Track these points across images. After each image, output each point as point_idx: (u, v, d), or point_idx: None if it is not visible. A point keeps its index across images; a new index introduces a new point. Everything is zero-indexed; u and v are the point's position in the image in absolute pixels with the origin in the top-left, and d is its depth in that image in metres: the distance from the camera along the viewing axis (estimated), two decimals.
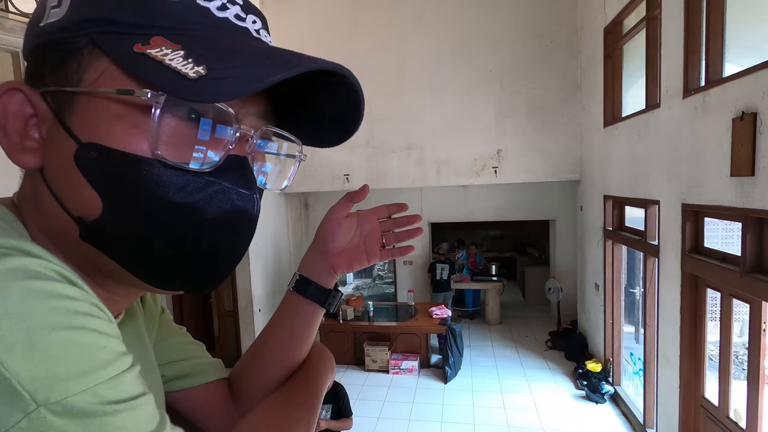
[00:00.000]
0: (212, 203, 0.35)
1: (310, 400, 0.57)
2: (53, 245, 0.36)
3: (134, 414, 0.28)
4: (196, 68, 0.30)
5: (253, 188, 0.38)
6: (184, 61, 0.31)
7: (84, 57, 0.33)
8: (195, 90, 0.30)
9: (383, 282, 8.30)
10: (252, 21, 0.38)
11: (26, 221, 0.36)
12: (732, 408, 2.88)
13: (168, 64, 0.31)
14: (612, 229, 4.79)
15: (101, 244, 0.34)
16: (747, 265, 2.48)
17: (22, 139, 0.34)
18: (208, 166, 0.35)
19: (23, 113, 0.34)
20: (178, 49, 0.32)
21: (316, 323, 0.60)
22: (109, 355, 0.28)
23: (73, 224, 0.34)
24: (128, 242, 0.34)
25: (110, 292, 0.39)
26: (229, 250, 0.38)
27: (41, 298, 0.26)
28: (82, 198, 0.33)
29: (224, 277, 0.40)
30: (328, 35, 6.13)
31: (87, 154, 0.32)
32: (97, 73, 0.33)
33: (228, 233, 0.37)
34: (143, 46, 0.32)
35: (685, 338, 3.24)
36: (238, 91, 0.31)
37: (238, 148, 0.37)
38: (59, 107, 0.33)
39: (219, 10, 0.36)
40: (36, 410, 0.23)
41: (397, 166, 6.21)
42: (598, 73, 4.95)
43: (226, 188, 0.35)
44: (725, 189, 2.63)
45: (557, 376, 5.37)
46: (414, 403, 4.90)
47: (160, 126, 0.32)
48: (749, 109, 2.36)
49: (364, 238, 0.61)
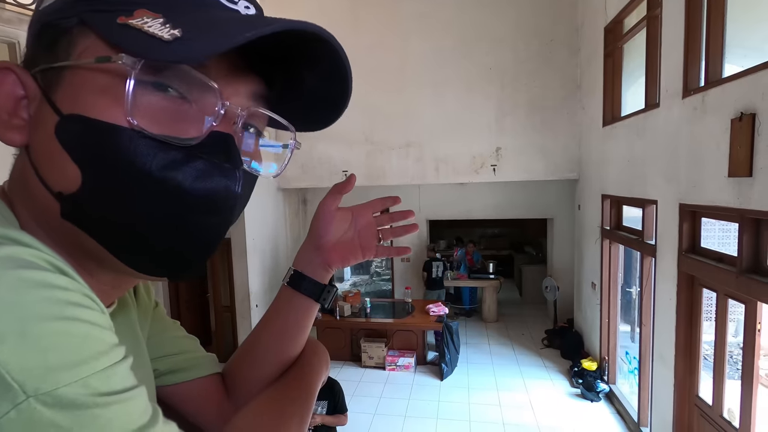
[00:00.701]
0: (191, 177, 0.34)
1: (304, 396, 0.57)
2: (40, 228, 0.35)
3: (126, 406, 0.27)
4: (171, 31, 0.30)
5: (236, 164, 0.36)
6: (162, 27, 0.31)
7: (73, 35, 0.33)
8: (167, 50, 0.29)
9: (380, 279, 8.31)
10: (245, 6, 0.38)
11: (16, 207, 0.36)
12: (726, 407, 2.90)
13: (146, 31, 0.30)
14: (609, 228, 4.80)
15: (80, 221, 0.34)
16: (743, 265, 2.49)
17: (10, 117, 0.34)
18: (190, 141, 0.34)
19: (14, 94, 0.34)
20: (159, 17, 0.32)
21: (311, 318, 0.60)
22: (100, 346, 0.27)
23: (54, 201, 0.33)
24: (106, 217, 0.33)
25: (99, 281, 0.38)
26: (208, 227, 0.36)
27: (32, 288, 0.26)
28: (61, 171, 0.32)
29: (203, 258, 0.38)
30: (329, 30, 6.08)
31: (67, 125, 0.32)
32: (82, 47, 0.33)
33: (208, 209, 0.35)
34: (126, 17, 0.32)
35: (680, 337, 3.26)
36: (210, 49, 0.30)
37: (224, 125, 0.36)
38: (47, 84, 0.33)
39: None
40: (26, 401, 0.23)
41: (396, 163, 6.20)
42: (598, 72, 4.95)
43: (207, 163, 0.34)
44: (723, 189, 2.63)
45: (553, 374, 5.39)
46: (410, 400, 4.91)
47: (137, 95, 0.32)
48: (748, 110, 2.37)
49: (359, 232, 0.60)
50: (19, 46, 2.46)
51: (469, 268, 7.77)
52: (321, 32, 0.35)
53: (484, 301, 7.45)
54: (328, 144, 6.03)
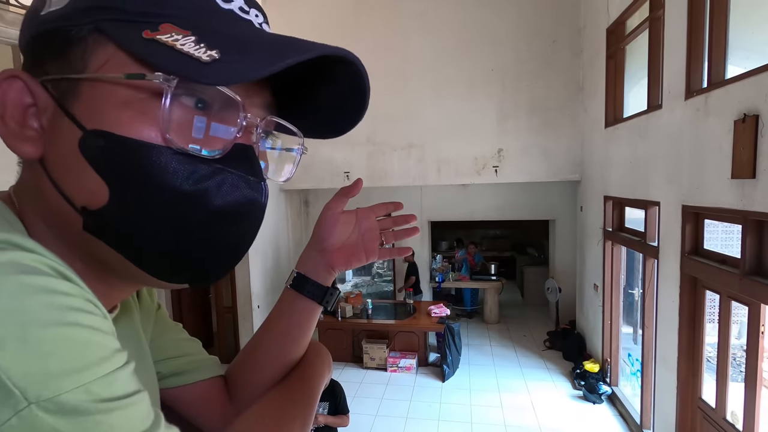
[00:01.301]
0: (221, 190, 0.34)
1: (306, 398, 0.56)
2: (54, 236, 0.35)
3: (128, 412, 0.27)
4: (209, 52, 0.30)
5: (261, 176, 0.38)
6: (196, 45, 0.31)
7: (88, 44, 0.32)
8: (209, 73, 0.30)
9: (382, 280, 8.31)
10: (255, 15, 0.38)
11: (25, 213, 0.36)
12: (729, 410, 2.88)
13: (180, 49, 0.30)
14: (612, 229, 4.78)
15: (105, 235, 0.33)
16: (746, 267, 2.48)
17: (20, 128, 0.33)
18: (216, 154, 0.34)
19: (22, 102, 0.33)
20: (189, 34, 0.32)
21: (314, 320, 0.60)
22: (103, 351, 0.27)
23: (76, 215, 0.33)
24: (134, 231, 0.33)
25: (109, 286, 0.38)
26: (237, 238, 0.38)
27: (34, 294, 0.26)
28: (86, 186, 0.32)
29: (231, 266, 0.39)
30: (330, 32, 6.11)
31: (92, 141, 0.31)
32: (102, 60, 0.32)
33: (236, 220, 0.36)
34: (152, 32, 0.31)
35: (683, 340, 3.24)
36: (253, 74, 0.31)
37: (244, 137, 0.37)
38: (62, 95, 0.33)
39: (224, 2, 0.36)
40: (27, 407, 0.23)
41: (398, 165, 6.20)
42: (601, 74, 4.94)
43: (234, 175, 0.35)
44: (726, 191, 2.62)
45: (555, 376, 5.37)
46: (411, 401, 4.90)
47: (170, 111, 0.32)
48: (751, 111, 2.36)
49: (362, 235, 0.61)
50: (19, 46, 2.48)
51: (471, 270, 7.76)
52: (349, 56, 0.36)
53: (485, 302, 7.44)
54: (330, 145, 6.03)
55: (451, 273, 7.54)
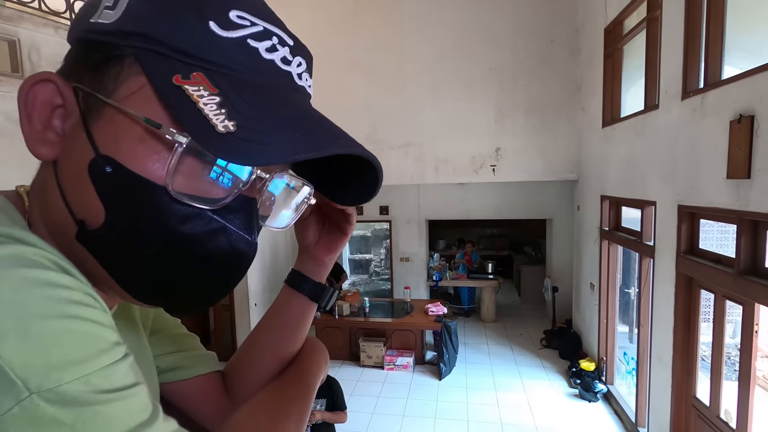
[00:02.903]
0: (212, 240, 0.35)
1: (303, 394, 0.57)
2: (50, 236, 0.36)
3: (127, 403, 0.28)
4: (226, 122, 0.31)
5: (254, 233, 0.38)
6: (218, 109, 0.31)
7: (124, 68, 0.33)
8: (219, 145, 0.30)
9: (379, 278, 8.32)
10: (297, 64, 0.39)
11: (31, 210, 0.37)
12: (723, 408, 2.91)
13: (201, 108, 0.31)
14: (608, 229, 4.81)
15: (95, 250, 0.34)
16: (741, 267, 2.50)
17: (44, 129, 0.34)
18: (217, 204, 0.35)
19: (52, 102, 0.34)
20: (215, 93, 0.32)
21: (310, 317, 0.61)
22: (102, 344, 0.28)
23: (73, 223, 0.34)
24: (122, 256, 0.34)
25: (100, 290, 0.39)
26: (217, 285, 0.38)
27: (35, 287, 0.26)
28: (87, 204, 0.33)
29: (211, 304, 0.40)
30: (329, 30, 6.10)
31: (101, 166, 0.32)
32: (132, 89, 0.33)
33: (220, 270, 0.37)
34: (183, 79, 0.32)
35: (678, 339, 3.27)
36: (259, 162, 0.32)
37: (249, 189, 0.37)
38: (87, 109, 0.33)
39: (267, 52, 0.36)
40: (29, 397, 0.24)
41: (396, 163, 6.20)
42: (598, 73, 4.95)
43: (228, 229, 0.36)
44: (721, 191, 2.64)
45: (551, 375, 5.40)
46: (408, 399, 4.92)
47: (179, 162, 0.32)
48: (747, 112, 2.37)
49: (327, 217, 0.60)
50: (19, 44, 2.46)
51: (468, 269, 7.77)
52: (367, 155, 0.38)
53: (482, 301, 7.46)
54: None
55: (449, 272, 7.55)
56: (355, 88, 6.11)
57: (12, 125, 2.29)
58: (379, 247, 8.61)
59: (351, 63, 6.05)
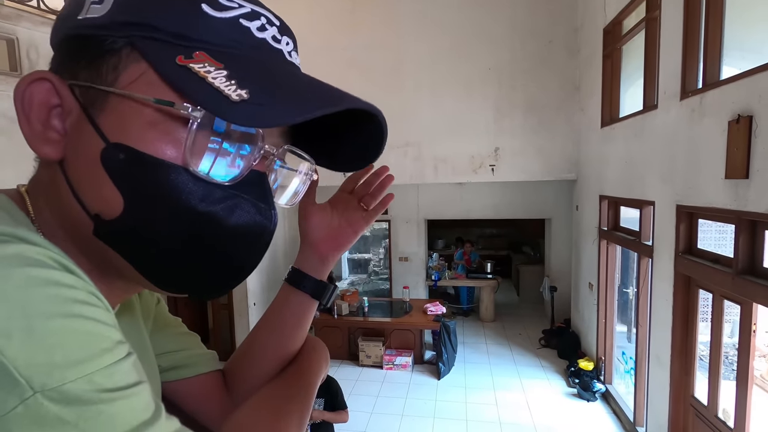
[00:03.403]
0: (232, 214, 0.35)
1: (303, 393, 0.57)
2: (64, 233, 0.36)
3: (129, 402, 0.28)
4: (239, 91, 0.31)
5: (271, 203, 0.39)
6: (227, 81, 0.31)
7: (122, 58, 0.33)
8: (237, 113, 0.30)
9: (378, 278, 8.32)
10: (286, 43, 0.39)
11: (39, 209, 0.37)
12: (720, 407, 2.92)
13: (211, 83, 0.31)
14: (607, 229, 4.81)
15: (114, 243, 0.34)
16: (739, 267, 2.51)
17: (44, 128, 0.34)
18: (232, 179, 0.35)
19: (48, 103, 0.34)
20: (221, 68, 0.32)
21: (310, 314, 0.61)
22: (105, 343, 0.28)
23: (88, 220, 0.34)
24: (143, 244, 0.34)
25: (111, 286, 0.39)
26: (242, 262, 0.39)
27: (39, 286, 0.26)
28: (103, 196, 0.33)
29: (233, 285, 0.40)
30: (327, 28, 6.09)
31: (114, 154, 0.32)
32: (133, 76, 0.33)
33: (243, 245, 0.37)
34: (186, 59, 0.32)
35: (676, 338, 3.27)
36: (278, 121, 0.32)
37: (260, 164, 0.38)
38: (89, 103, 0.33)
39: (259, 31, 0.37)
40: (32, 396, 0.24)
41: (394, 163, 6.19)
42: (597, 74, 4.96)
43: (246, 201, 0.36)
44: (720, 191, 2.65)
45: (549, 374, 5.41)
46: (407, 399, 4.92)
47: (194, 138, 0.32)
48: (745, 112, 2.38)
49: (342, 215, 0.61)
50: (17, 42, 2.46)
51: (467, 268, 7.78)
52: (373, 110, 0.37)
53: (481, 300, 7.47)
54: None
55: (447, 271, 7.56)
56: (353, 86, 5.92)
57: (10, 124, 2.28)
58: (378, 247, 8.62)
59: (349, 62, 6.04)
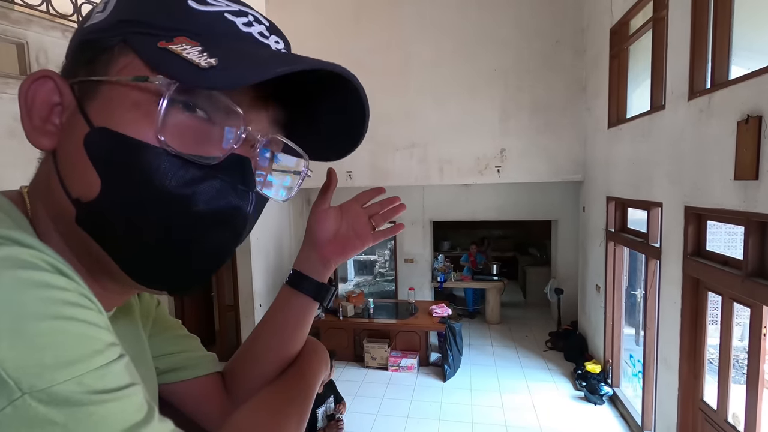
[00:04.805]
0: (207, 195, 0.35)
1: (303, 395, 0.57)
2: (57, 232, 0.37)
3: (121, 404, 0.28)
4: (208, 60, 0.32)
5: (250, 186, 0.38)
6: (200, 54, 0.33)
7: (114, 53, 0.35)
8: (203, 77, 0.31)
9: (384, 279, 8.30)
10: (275, 41, 0.40)
11: (37, 209, 0.37)
12: (730, 412, 2.87)
13: (185, 57, 0.32)
14: (614, 230, 4.77)
15: (92, 228, 0.35)
16: (749, 269, 2.47)
17: (43, 123, 0.36)
18: (211, 160, 0.35)
19: (50, 101, 0.36)
20: (197, 45, 0.34)
21: (310, 317, 0.61)
22: (96, 345, 0.28)
23: (71, 207, 0.35)
24: (118, 227, 0.34)
25: (106, 289, 0.39)
26: (217, 244, 0.38)
27: (29, 288, 0.26)
28: (82, 179, 0.34)
29: (209, 273, 0.39)
30: (331, 33, 6.11)
31: (96, 137, 0.34)
32: (122, 65, 0.35)
33: (218, 226, 0.37)
34: (167, 42, 0.34)
35: (685, 341, 3.23)
36: (241, 80, 0.32)
37: (243, 149, 0.38)
38: (82, 95, 0.35)
39: (244, 26, 0.38)
40: (21, 398, 0.24)
41: (400, 164, 6.20)
42: (604, 74, 4.92)
43: (223, 182, 0.36)
44: (729, 192, 2.61)
45: (556, 377, 5.36)
46: (412, 401, 4.91)
47: (168, 114, 0.33)
48: (754, 112, 2.35)
49: (351, 225, 0.63)
50: (27, 47, 2.49)
51: (473, 270, 7.75)
52: (345, 73, 0.37)
53: (487, 302, 7.43)
54: None
55: (453, 273, 7.53)
56: None
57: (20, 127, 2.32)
58: (383, 248, 8.61)
59: (353, 65, 5.93)
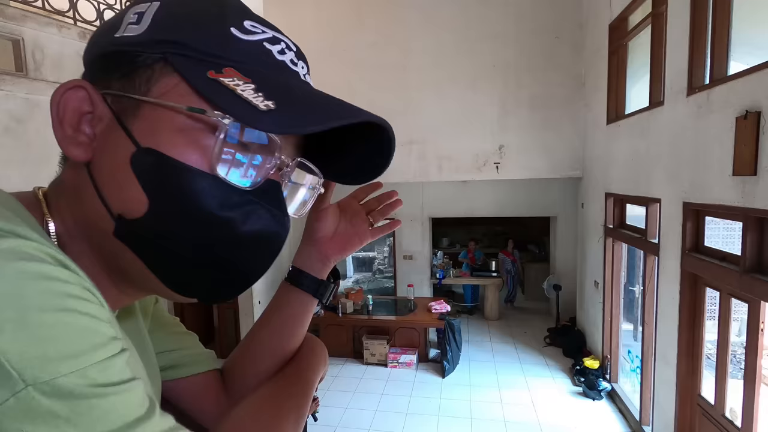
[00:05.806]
0: (249, 219, 0.37)
1: (302, 391, 0.57)
2: (82, 236, 0.38)
3: (123, 398, 0.28)
4: (266, 102, 0.34)
5: (285, 211, 0.41)
6: (255, 93, 0.34)
7: (155, 71, 0.35)
8: (261, 121, 0.33)
9: (383, 276, 8.32)
10: (302, 67, 0.43)
11: (58, 210, 0.38)
12: (728, 407, 2.89)
13: (240, 94, 0.34)
14: (613, 226, 4.78)
15: (134, 243, 0.36)
16: (746, 264, 2.48)
17: (75, 132, 0.36)
18: (249, 186, 0.37)
19: (81, 109, 0.36)
20: (249, 82, 0.35)
21: (309, 313, 0.61)
22: (99, 338, 0.28)
23: (110, 220, 0.35)
24: (162, 244, 0.35)
25: (121, 291, 0.40)
26: (254, 264, 0.40)
27: (32, 280, 0.26)
28: (128, 197, 0.35)
29: (242, 290, 0.42)
30: (332, 28, 6.09)
31: (144, 157, 0.34)
32: (166, 87, 0.35)
33: (257, 248, 0.39)
34: (216, 73, 0.35)
35: (683, 337, 3.25)
36: (300, 129, 0.36)
37: (275, 174, 0.40)
38: (121, 110, 0.35)
39: (279, 54, 0.40)
40: (24, 389, 0.24)
41: (399, 161, 6.19)
42: (602, 70, 4.92)
43: (262, 208, 0.38)
44: (727, 188, 2.62)
45: (555, 373, 5.39)
46: (412, 397, 4.93)
47: (221, 146, 0.35)
48: (753, 108, 2.35)
49: (350, 221, 0.64)
50: (23, 43, 2.47)
51: (471, 266, 7.76)
52: (385, 124, 0.41)
53: (486, 298, 7.45)
54: None
55: (452, 269, 7.55)
56: (357, 85, 6.10)
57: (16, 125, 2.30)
58: (382, 245, 8.62)
59: (354, 61, 6.04)
